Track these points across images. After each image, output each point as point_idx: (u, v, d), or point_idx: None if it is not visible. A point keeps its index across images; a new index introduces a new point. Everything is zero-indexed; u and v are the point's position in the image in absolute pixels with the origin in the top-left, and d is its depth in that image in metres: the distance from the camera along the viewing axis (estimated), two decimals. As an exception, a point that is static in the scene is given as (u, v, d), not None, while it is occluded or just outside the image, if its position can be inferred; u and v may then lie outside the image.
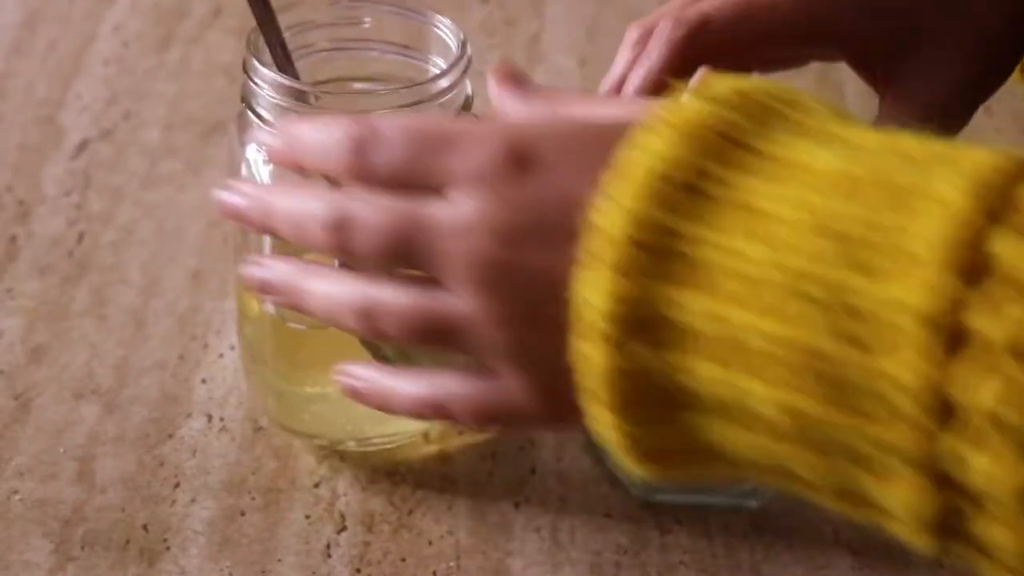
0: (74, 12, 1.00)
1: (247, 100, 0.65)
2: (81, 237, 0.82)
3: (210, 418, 0.72)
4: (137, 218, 0.84)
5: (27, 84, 0.94)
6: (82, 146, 0.89)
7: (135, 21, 1.00)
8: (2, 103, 0.92)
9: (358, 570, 0.65)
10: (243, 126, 0.66)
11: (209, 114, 0.91)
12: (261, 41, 0.65)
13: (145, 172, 0.87)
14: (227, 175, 0.69)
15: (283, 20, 0.66)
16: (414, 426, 0.70)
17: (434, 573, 0.65)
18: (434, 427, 0.71)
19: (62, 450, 0.70)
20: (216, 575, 0.65)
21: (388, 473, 0.70)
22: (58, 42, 0.98)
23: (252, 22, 0.65)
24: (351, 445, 0.70)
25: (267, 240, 0.66)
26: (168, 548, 0.66)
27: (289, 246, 0.66)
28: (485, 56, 0.96)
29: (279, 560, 0.66)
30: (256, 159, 0.66)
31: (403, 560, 0.66)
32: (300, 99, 0.63)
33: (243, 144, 0.66)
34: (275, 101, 0.64)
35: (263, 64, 0.64)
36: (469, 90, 0.66)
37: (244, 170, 0.66)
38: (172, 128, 0.91)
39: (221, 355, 0.75)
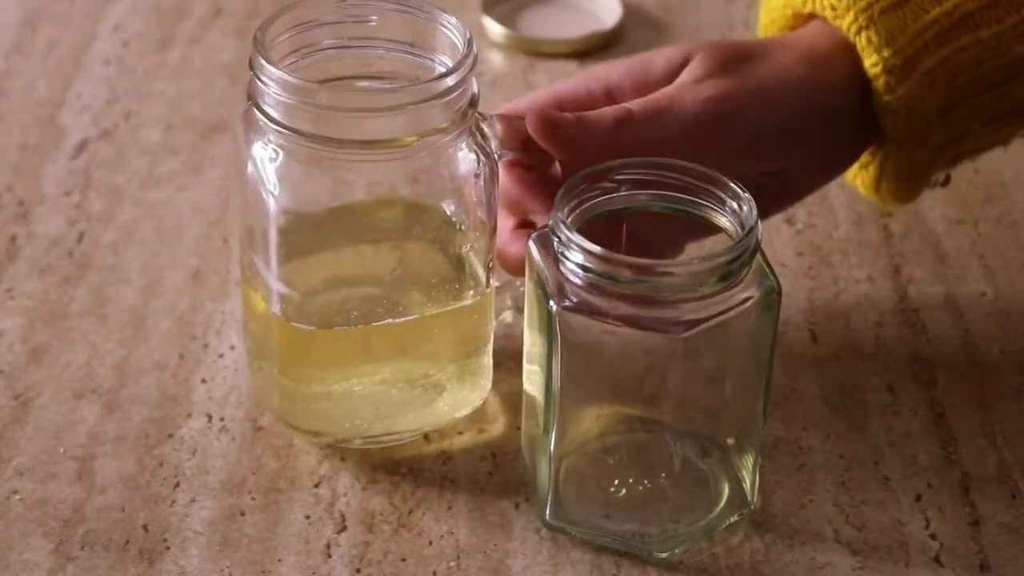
0: (74, 12, 1.00)
1: (253, 98, 0.65)
2: (81, 237, 0.82)
3: (210, 418, 0.72)
4: (137, 218, 0.84)
5: (27, 84, 0.94)
6: (82, 146, 0.89)
7: (135, 21, 1.00)
8: (2, 103, 0.92)
9: (358, 570, 0.65)
10: (249, 124, 0.66)
11: (209, 114, 0.91)
12: (268, 38, 0.65)
13: (145, 172, 0.87)
14: (230, 174, 0.69)
15: (289, 18, 0.66)
16: (418, 424, 0.70)
17: (434, 573, 0.65)
18: (435, 427, 0.71)
19: (62, 450, 0.70)
20: (216, 575, 0.65)
21: (388, 473, 0.70)
22: (58, 42, 0.98)
23: (253, 22, 0.65)
24: (356, 443, 0.70)
25: (273, 240, 0.65)
26: (168, 548, 0.66)
27: (294, 245, 0.67)
28: (489, 55, 0.96)
29: (279, 560, 0.66)
30: (262, 156, 0.65)
31: (403, 560, 0.66)
32: (306, 97, 0.63)
33: (248, 142, 0.66)
34: (281, 99, 0.63)
35: (270, 61, 0.64)
36: (475, 88, 0.66)
37: (250, 168, 0.66)
38: (172, 128, 0.90)
39: (221, 355, 0.75)
